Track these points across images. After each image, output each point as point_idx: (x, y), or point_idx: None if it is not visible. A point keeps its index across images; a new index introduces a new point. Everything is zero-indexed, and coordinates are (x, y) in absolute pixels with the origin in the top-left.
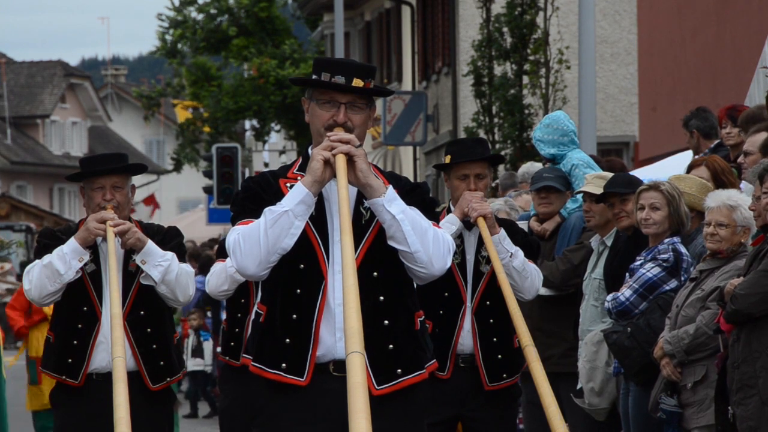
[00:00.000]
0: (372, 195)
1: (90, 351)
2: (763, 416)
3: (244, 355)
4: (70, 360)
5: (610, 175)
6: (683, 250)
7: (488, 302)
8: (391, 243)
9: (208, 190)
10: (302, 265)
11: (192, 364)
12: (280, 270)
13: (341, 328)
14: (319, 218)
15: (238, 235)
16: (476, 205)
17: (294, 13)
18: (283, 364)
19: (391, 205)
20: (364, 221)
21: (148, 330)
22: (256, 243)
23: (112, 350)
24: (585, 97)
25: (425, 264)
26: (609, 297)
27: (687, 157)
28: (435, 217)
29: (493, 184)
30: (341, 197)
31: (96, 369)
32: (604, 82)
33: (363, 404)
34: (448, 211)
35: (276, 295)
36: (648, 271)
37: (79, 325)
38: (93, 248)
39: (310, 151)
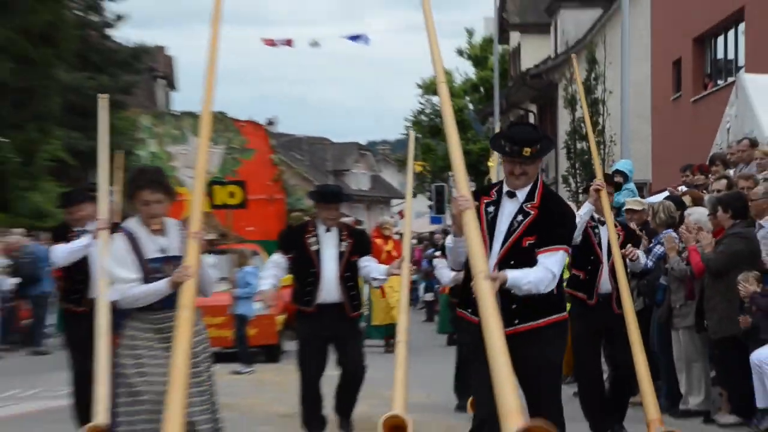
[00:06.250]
0: (503, 286)
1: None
2: (720, 328)
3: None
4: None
5: (642, 200)
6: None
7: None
8: None
9: None
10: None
11: None
12: None
13: None
14: (491, 223)
15: None
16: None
17: (473, 116)
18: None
19: (520, 288)
20: (516, 224)
21: None
22: None
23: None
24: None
25: (543, 291)
26: (642, 259)
27: None
28: (571, 231)
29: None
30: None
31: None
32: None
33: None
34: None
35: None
36: (659, 250)
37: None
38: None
39: (505, 183)
